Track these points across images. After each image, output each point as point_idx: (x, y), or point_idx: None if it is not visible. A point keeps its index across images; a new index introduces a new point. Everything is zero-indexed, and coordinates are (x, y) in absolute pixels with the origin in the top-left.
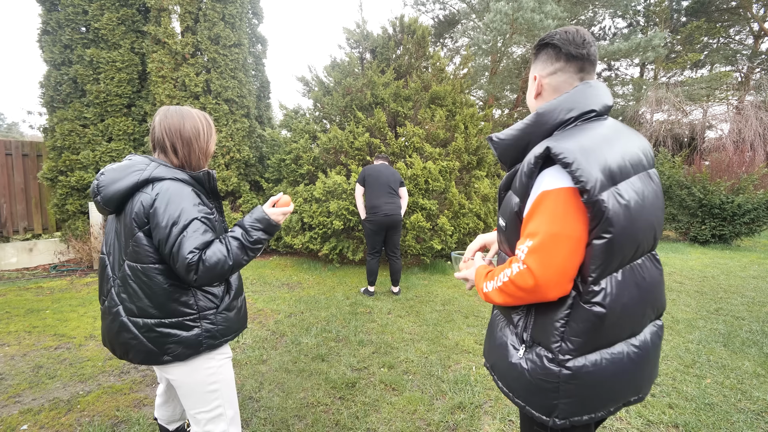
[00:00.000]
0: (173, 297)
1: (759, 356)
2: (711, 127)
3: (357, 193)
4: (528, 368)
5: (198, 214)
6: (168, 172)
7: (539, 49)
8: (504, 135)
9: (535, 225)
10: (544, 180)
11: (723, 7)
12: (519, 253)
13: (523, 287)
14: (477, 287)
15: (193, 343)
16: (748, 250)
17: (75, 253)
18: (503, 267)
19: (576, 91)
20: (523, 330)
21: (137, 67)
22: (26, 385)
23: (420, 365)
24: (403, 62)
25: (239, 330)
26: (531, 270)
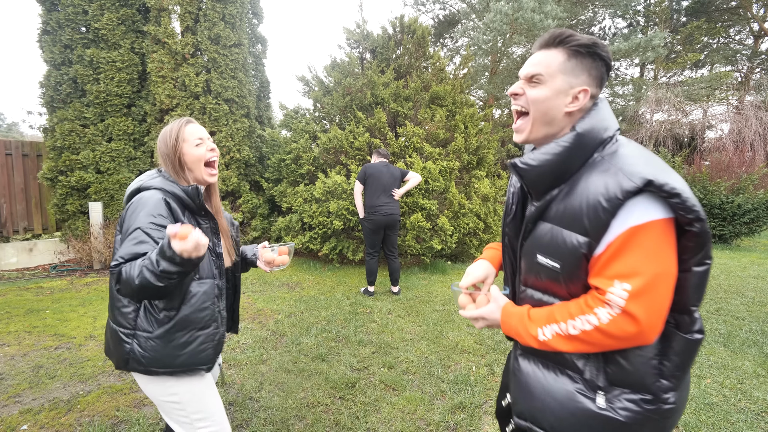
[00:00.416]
0: (116, 304)
1: (759, 356)
2: (711, 127)
3: (356, 191)
4: (623, 417)
5: (143, 223)
6: (160, 182)
7: (587, 56)
8: (536, 161)
9: (629, 265)
10: (633, 213)
11: (723, 7)
12: (613, 297)
13: (619, 335)
14: (512, 331)
15: (121, 358)
16: (748, 250)
17: (75, 253)
18: (571, 311)
19: (605, 109)
20: (596, 375)
21: (137, 67)
22: (26, 385)
23: (420, 365)
24: (403, 62)
25: (184, 368)
26: (635, 316)
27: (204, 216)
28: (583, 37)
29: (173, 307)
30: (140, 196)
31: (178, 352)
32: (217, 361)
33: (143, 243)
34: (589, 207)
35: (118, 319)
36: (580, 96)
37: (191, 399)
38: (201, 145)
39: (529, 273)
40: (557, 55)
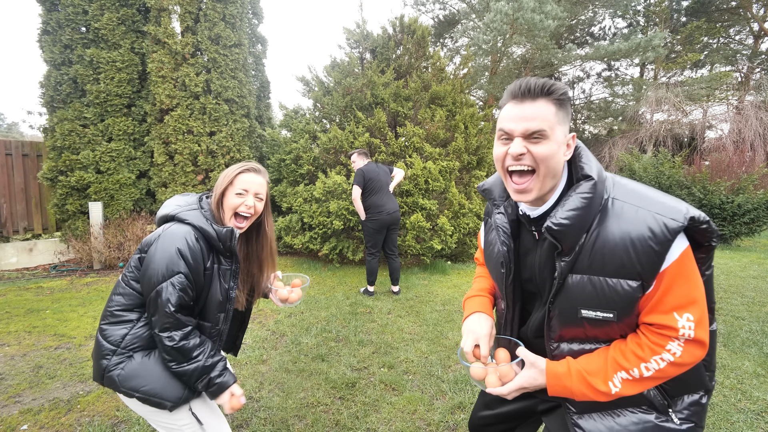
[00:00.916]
0: (110, 319)
1: (759, 356)
2: (711, 127)
3: (356, 195)
4: (695, 422)
5: (184, 268)
6: (195, 217)
7: (566, 101)
8: (569, 219)
9: (682, 295)
10: (674, 248)
11: (723, 7)
12: (684, 330)
13: (690, 362)
14: (566, 391)
15: (97, 371)
16: (748, 250)
17: (75, 253)
18: (640, 353)
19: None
20: (659, 398)
21: (137, 67)
22: (26, 385)
23: (420, 365)
24: (403, 62)
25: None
26: (702, 341)
27: (228, 258)
28: (557, 83)
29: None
30: (175, 230)
31: (150, 378)
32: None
33: (188, 289)
34: (638, 253)
35: (106, 334)
36: (571, 143)
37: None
38: (242, 197)
39: (567, 328)
40: (548, 106)
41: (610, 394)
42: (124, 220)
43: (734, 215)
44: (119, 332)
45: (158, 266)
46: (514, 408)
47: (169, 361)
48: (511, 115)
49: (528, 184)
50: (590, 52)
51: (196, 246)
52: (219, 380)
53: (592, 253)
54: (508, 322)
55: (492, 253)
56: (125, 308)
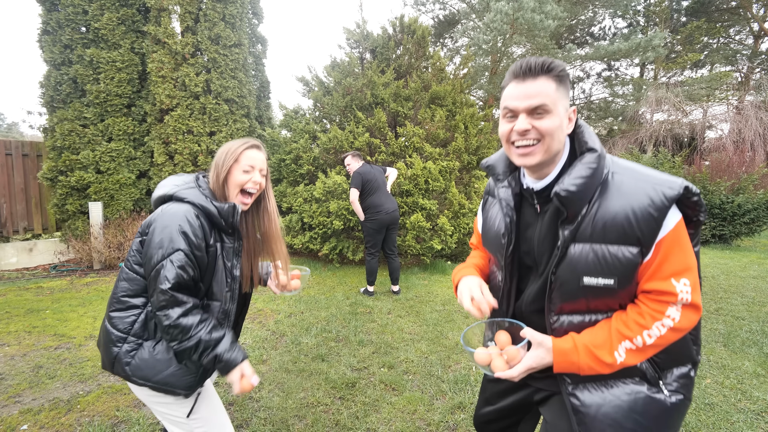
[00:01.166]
0: (118, 306)
1: (759, 356)
2: (711, 127)
3: (353, 197)
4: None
5: (184, 246)
6: (194, 195)
7: (565, 77)
8: (576, 186)
9: (679, 262)
10: (670, 217)
11: (723, 7)
12: (682, 295)
13: (687, 327)
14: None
15: (107, 359)
16: (748, 250)
17: (75, 253)
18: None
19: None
20: (651, 370)
21: (137, 67)
22: (26, 385)
23: (420, 365)
24: (403, 62)
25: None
26: (697, 305)
27: (230, 235)
28: (556, 61)
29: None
30: (174, 209)
31: (160, 367)
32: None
33: (188, 267)
34: (639, 219)
35: (115, 321)
36: (572, 116)
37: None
38: (248, 173)
39: (568, 300)
40: (549, 83)
41: (615, 365)
42: (124, 220)
43: (734, 215)
44: (127, 319)
45: (158, 245)
46: (513, 400)
47: (170, 341)
48: (515, 94)
49: (534, 148)
50: (590, 52)
51: (196, 223)
52: (227, 356)
53: (593, 222)
54: (504, 295)
55: (492, 227)
56: (131, 294)
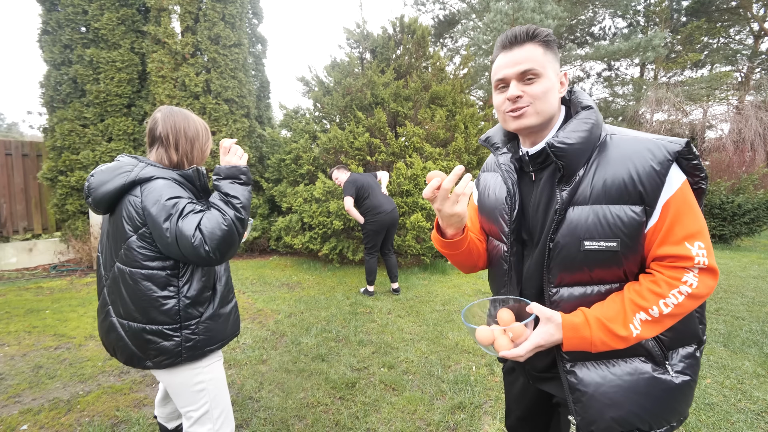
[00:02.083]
0: (154, 304)
1: (759, 356)
2: (711, 127)
3: (349, 205)
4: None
5: (185, 201)
6: (156, 171)
7: (552, 42)
8: (572, 139)
9: (690, 224)
10: (673, 176)
11: (723, 7)
12: (698, 259)
13: (706, 293)
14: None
15: (172, 353)
16: (748, 250)
17: (75, 253)
18: (657, 289)
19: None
20: (657, 348)
21: (137, 67)
22: (26, 385)
23: (420, 365)
24: (403, 62)
25: (227, 338)
26: (714, 269)
27: (202, 198)
28: (540, 27)
29: (208, 287)
30: (150, 187)
31: (226, 324)
32: None
33: (199, 210)
34: (641, 174)
35: (158, 318)
36: (564, 80)
37: (213, 387)
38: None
39: (568, 268)
40: (535, 48)
41: (631, 338)
42: None
43: (734, 215)
44: (171, 311)
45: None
46: (530, 404)
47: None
48: (503, 63)
49: (525, 109)
50: (590, 52)
51: (177, 188)
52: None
53: (593, 183)
54: (511, 267)
55: (492, 194)
56: (158, 290)
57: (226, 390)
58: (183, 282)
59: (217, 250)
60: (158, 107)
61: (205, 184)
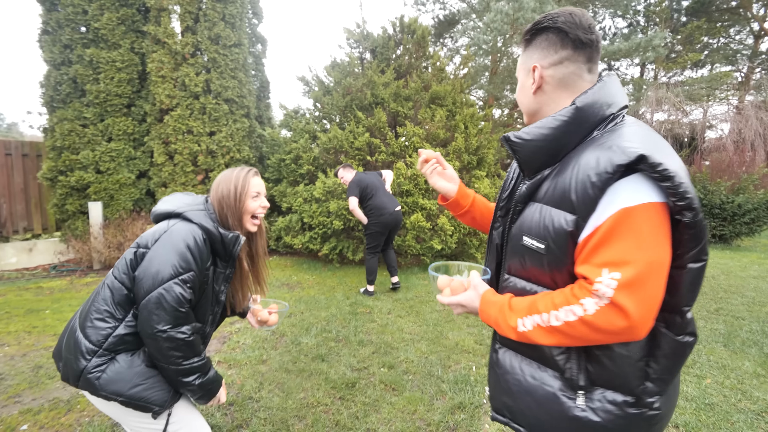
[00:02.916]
0: (95, 316)
1: (759, 356)
2: (711, 127)
3: (353, 205)
4: (602, 419)
5: (194, 266)
6: (203, 218)
7: (536, 33)
8: (531, 134)
9: (620, 252)
10: (622, 193)
11: (723, 7)
12: (600, 287)
13: (607, 329)
14: (491, 320)
15: (73, 374)
16: (748, 250)
17: (75, 253)
18: (556, 301)
19: (610, 83)
20: (576, 374)
21: (137, 67)
22: (26, 385)
23: (420, 365)
24: (403, 62)
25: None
26: (624, 309)
27: (226, 262)
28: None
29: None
30: (185, 228)
31: (136, 380)
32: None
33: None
34: (577, 181)
35: (89, 332)
36: (535, 74)
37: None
38: (257, 199)
39: (513, 258)
40: (520, 51)
41: (516, 330)
42: (124, 220)
43: (734, 215)
44: (103, 332)
45: (167, 262)
46: None
47: (176, 359)
48: None
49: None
50: None
51: (203, 246)
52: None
53: (552, 182)
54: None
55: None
56: (112, 306)
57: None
58: (133, 317)
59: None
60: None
61: (233, 253)
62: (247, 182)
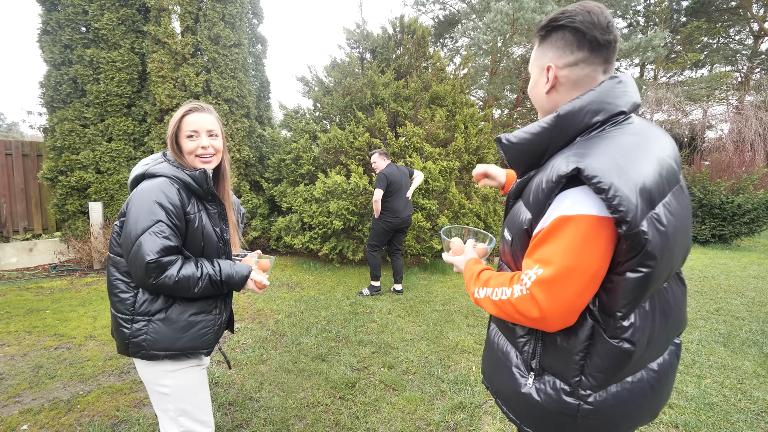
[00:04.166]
0: (113, 291)
1: (759, 356)
2: (711, 127)
3: (377, 197)
4: (542, 400)
5: (164, 216)
6: (166, 168)
7: (552, 30)
8: (516, 138)
9: (548, 252)
10: (564, 202)
11: (723, 7)
12: (525, 278)
13: (524, 314)
14: (465, 282)
15: (122, 343)
16: (748, 250)
17: (75, 253)
18: (501, 280)
19: (603, 88)
20: (531, 357)
21: (137, 67)
22: (26, 385)
23: (420, 365)
24: (403, 62)
25: (182, 350)
26: (537, 302)
27: (212, 201)
28: (547, 17)
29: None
30: (149, 184)
31: (180, 334)
32: (219, 345)
33: (171, 237)
34: (537, 186)
35: (117, 305)
36: (549, 74)
37: (179, 394)
38: (194, 139)
39: (501, 245)
40: (534, 45)
41: (474, 296)
42: None
43: (734, 215)
44: (127, 300)
45: (135, 220)
46: None
47: (187, 292)
48: None
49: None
50: None
51: (173, 192)
52: (236, 270)
53: (531, 182)
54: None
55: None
56: (122, 277)
57: (198, 402)
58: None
59: (159, 286)
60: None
61: (211, 189)
62: (179, 119)
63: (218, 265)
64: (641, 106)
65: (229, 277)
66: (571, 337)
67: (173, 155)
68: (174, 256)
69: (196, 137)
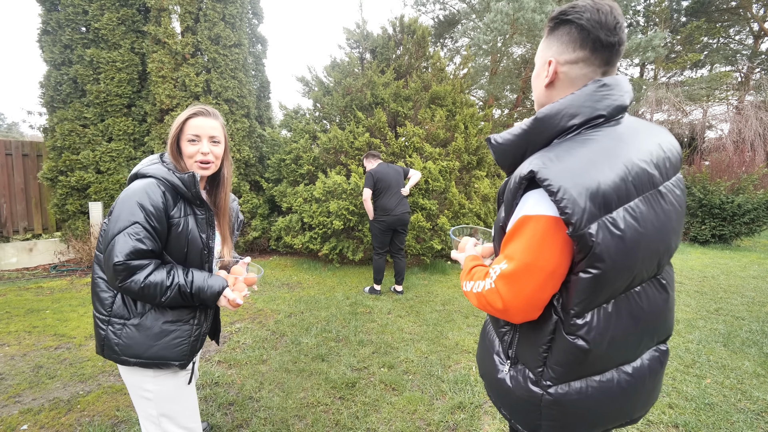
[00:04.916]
0: (95, 289)
1: (759, 356)
2: (711, 127)
3: (366, 197)
4: (512, 386)
5: (141, 218)
6: (157, 170)
7: (560, 24)
8: (502, 139)
9: (512, 249)
10: (527, 202)
11: (723, 7)
12: (492, 272)
13: (492, 306)
14: (462, 277)
15: (97, 344)
16: (748, 250)
17: (75, 253)
18: (481, 274)
19: (583, 92)
20: (509, 346)
21: (137, 67)
22: (26, 385)
23: (420, 365)
24: (403, 62)
25: (158, 360)
26: (499, 294)
27: (200, 206)
28: (558, 9)
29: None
30: (136, 185)
31: (152, 342)
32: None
33: (146, 240)
34: (509, 186)
35: (96, 304)
36: (549, 68)
37: (163, 398)
38: (195, 144)
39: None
40: (543, 35)
41: (463, 288)
42: None
43: (734, 215)
44: (106, 301)
45: (115, 219)
46: None
47: (154, 300)
48: None
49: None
50: None
51: (157, 194)
52: (209, 284)
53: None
54: None
55: None
56: (103, 276)
57: (183, 408)
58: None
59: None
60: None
61: (197, 193)
62: (182, 122)
63: (192, 275)
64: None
65: (199, 290)
66: (537, 330)
67: (170, 157)
68: (146, 261)
69: (197, 142)
